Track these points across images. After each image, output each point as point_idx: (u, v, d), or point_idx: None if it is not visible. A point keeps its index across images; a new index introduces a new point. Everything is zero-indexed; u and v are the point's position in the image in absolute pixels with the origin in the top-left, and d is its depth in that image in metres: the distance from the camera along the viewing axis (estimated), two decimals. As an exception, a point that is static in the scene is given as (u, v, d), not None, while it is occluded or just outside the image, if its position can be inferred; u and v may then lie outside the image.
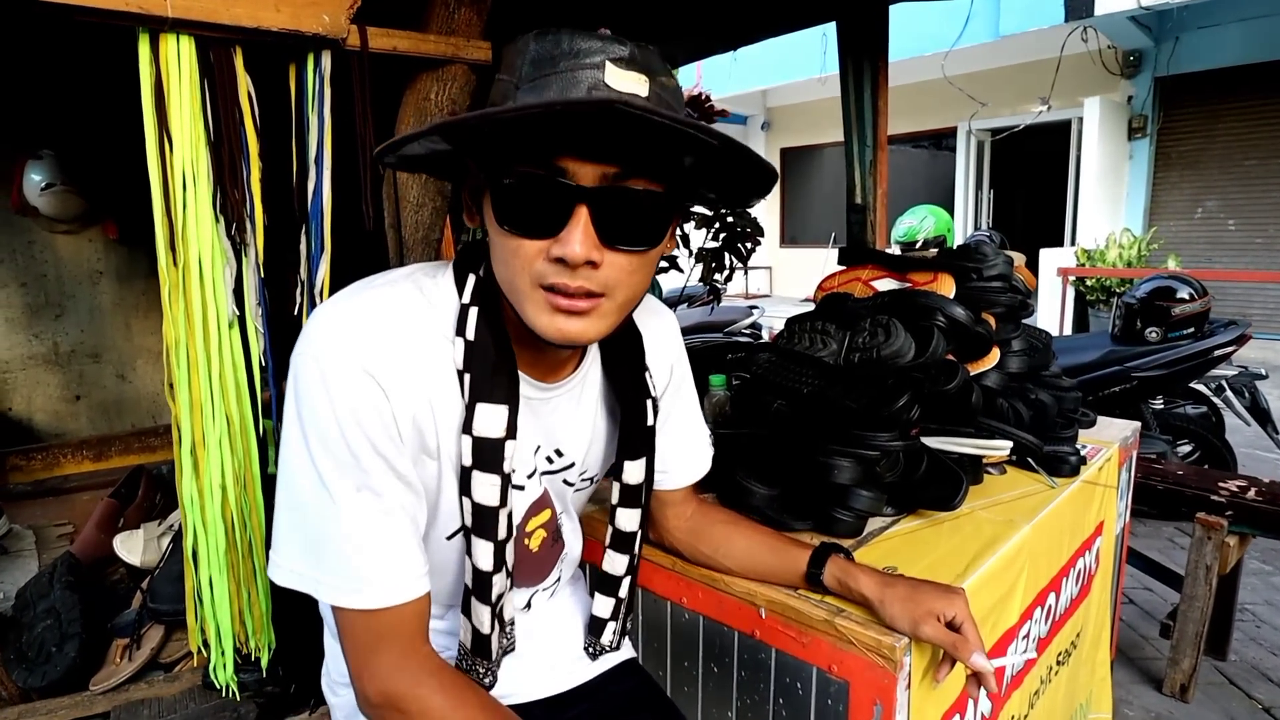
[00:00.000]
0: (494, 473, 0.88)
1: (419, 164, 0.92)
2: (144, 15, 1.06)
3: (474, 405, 0.86)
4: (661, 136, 0.71)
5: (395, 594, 0.83)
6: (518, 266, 0.79)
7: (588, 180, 0.75)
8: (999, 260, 1.71)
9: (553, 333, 0.81)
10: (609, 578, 1.11)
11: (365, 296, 0.85)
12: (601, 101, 0.67)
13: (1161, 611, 2.93)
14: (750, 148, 0.77)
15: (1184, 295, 3.68)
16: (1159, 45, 9.10)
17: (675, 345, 1.18)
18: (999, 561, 1.29)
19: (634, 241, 0.80)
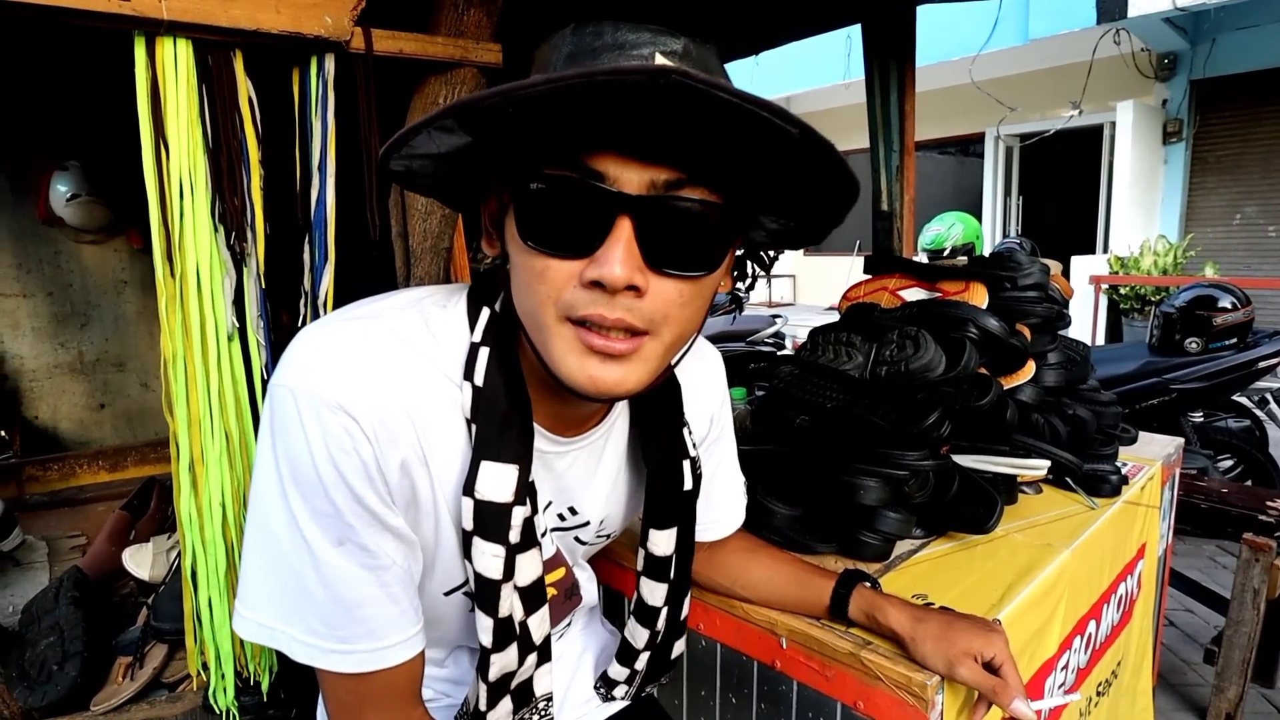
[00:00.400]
0: (497, 542, 0.75)
1: (429, 178, 0.77)
2: (138, 18, 1.03)
3: (478, 463, 0.73)
4: (724, 127, 0.59)
5: (386, 657, 0.73)
6: (544, 294, 0.66)
7: (632, 187, 0.62)
8: (1034, 268, 1.63)
9: (583, 381, 0.67)
10: (628, 648, 1.00)
11: (360, 324, 0.72)
12: (656, 69, 0.53)
13: (1204, 634, 2.82)
14: (830, 143, 0.62)
15: (1226, 304, 3.56)
16: (1195, 47, 8.90)
17: (719, 392, 1.05)
18: (1037, 589, 1.22)
19: (687, 265, 0.66)
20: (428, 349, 0.74)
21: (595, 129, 0.61)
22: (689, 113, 0.57)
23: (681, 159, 0.63)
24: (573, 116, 0.59)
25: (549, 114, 0.59)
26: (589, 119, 0.59)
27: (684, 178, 0.63)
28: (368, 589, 0.72)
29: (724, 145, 0.62)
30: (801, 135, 0.59)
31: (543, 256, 0.65)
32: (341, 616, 0.71)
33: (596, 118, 0.59)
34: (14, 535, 2.02)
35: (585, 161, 0.62)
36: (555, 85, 0.54)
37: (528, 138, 0.64)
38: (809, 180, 0.68)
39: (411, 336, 0.74)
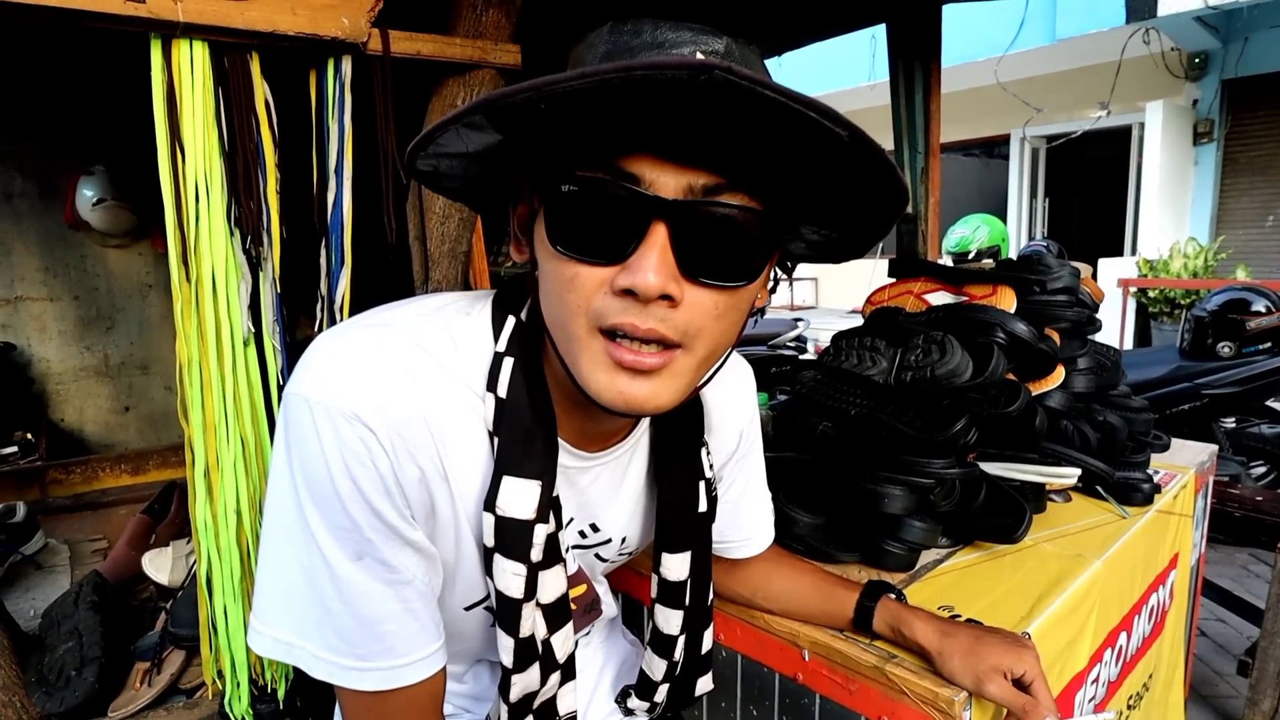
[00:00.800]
0: (519, 560, 0.73)
1: (456, 180, 0.74)
2: (155, 20, 1.02)
3: (500, 478, 0.71)
4: (768, 129, 0.55)
5: (404, 675, 0.71)
6: (573, 304, 0.63)
7: (669, 191, 0.59)
8: (1064, 272, 1.60)
9: (612, 396, 0.64)
10: (646, 681, 0.96)
11: (378, 332, 0.70)
12: (698, 64, 0.50)
13: (1236, 645, 2.75)
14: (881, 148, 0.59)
15: (1260, 308, 3.49)
16: (1226, 46, 8.74)
17: (749, 406, 1.02)
18: (1068, 601, 1.18)
19: (724, 275, 0.62)
20: (449, 359, 0.71)
21: (631, 129, 0.58)
22: (731, 112, 0.54)
23: (721, 163, 0.60)
24: (607, 115, 0.56)
25: (583, 112, 0.56)
26: (624, 118, 0.57)
27: (724, 183, 0.60)
28: (387, 605, 0.69)
29: (767, 149, 0.59)
30: (851, 139, 0.56)
31: (573, 263, 0.62)
32: (360, 633, 0.69)
33: (632, 117, 0.56)
34: (36, 539, 2.03)
35: (619, 164, 0.59)
36: (590, 80, 0.51)
37: (560, 137, 0.61)
38: (856, 187, 0.64)
39: (432, 345, 0.71)
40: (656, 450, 0.88)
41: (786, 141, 0.57)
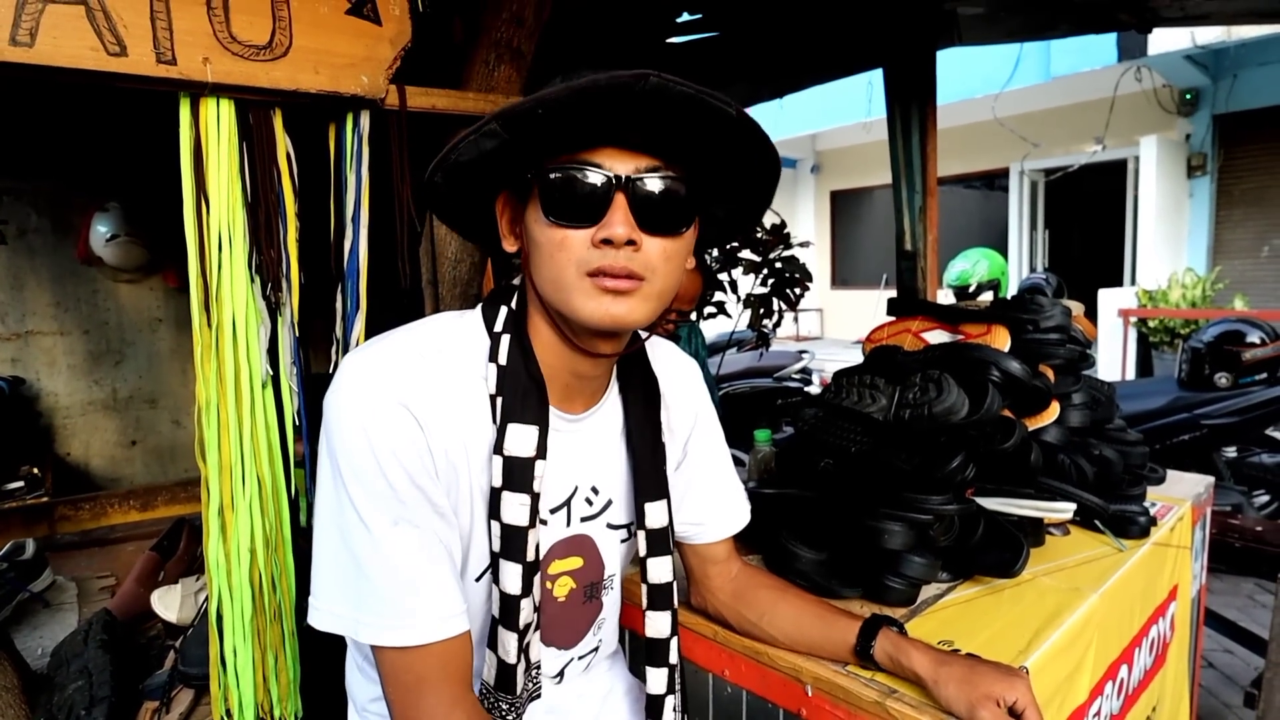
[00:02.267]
0: (523, 492, 0.89)
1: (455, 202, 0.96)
2: (185, 81, 1.08)
3: (505, 426, 0.88)
4: (684, 119, 0.79)
5: (439, 629, 0.83)
6: (564, 260, 0.83)
7: (624, 170, 0.82)
8: (1056, 311, 1.63)
9: (601, 316, 0.84)
10: (656, 644, 1.04)
11: (392, 338, 0.89)
12: (640, 74, 0.73)
13: (1244, 676, 2.75)
14: (759, 126, 0.84)
15: (1255, 339, 3.53)
16: (1216, 83, 8.90)
17: (699, 392, 1.18)
18: (1066, 634, 1.20)
19: (666, 226, 0.85)
20: (456, 345, 0.91)
21: (594, 131, 0.81)
22: (660, 110, 0.77)
23: (656, 149, 0.83)
24: (578, 120, 0.79)
25: (564, 117, 0.78)
26: (591, 123, 0.80)
27: (659, 164, 0.84)
28: (421, 565, 0.83)
29: (686, 134, 0.82)
30: (738, 114, 0.80)
31: (562, 228, 0.83)
32: (399, 591, 0.82)
33: (596, 120, 0.79)
34: (44, 576, 2.05)
35: (588, 156, 0.82)
36: (571, 89, 0.75)
37: (547, 137, 0.82)
38: (747, 158, 0.89)
39: (441, 337, 0.91)
40: (627, 413, 1.03)
41: (698, 127, 0.81)
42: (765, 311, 4.04)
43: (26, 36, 0.96)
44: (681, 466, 1.14)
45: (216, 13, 1.08)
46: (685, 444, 1.15)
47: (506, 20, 1.46)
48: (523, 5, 1.47)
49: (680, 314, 2.32)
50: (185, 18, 1.07)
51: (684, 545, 1.19)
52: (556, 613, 1.02)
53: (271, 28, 1.13)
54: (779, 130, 12.31)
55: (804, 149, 14.03)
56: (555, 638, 1.03)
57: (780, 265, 3.93)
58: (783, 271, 3.94)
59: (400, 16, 1.26)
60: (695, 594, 1.24)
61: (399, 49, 1.27)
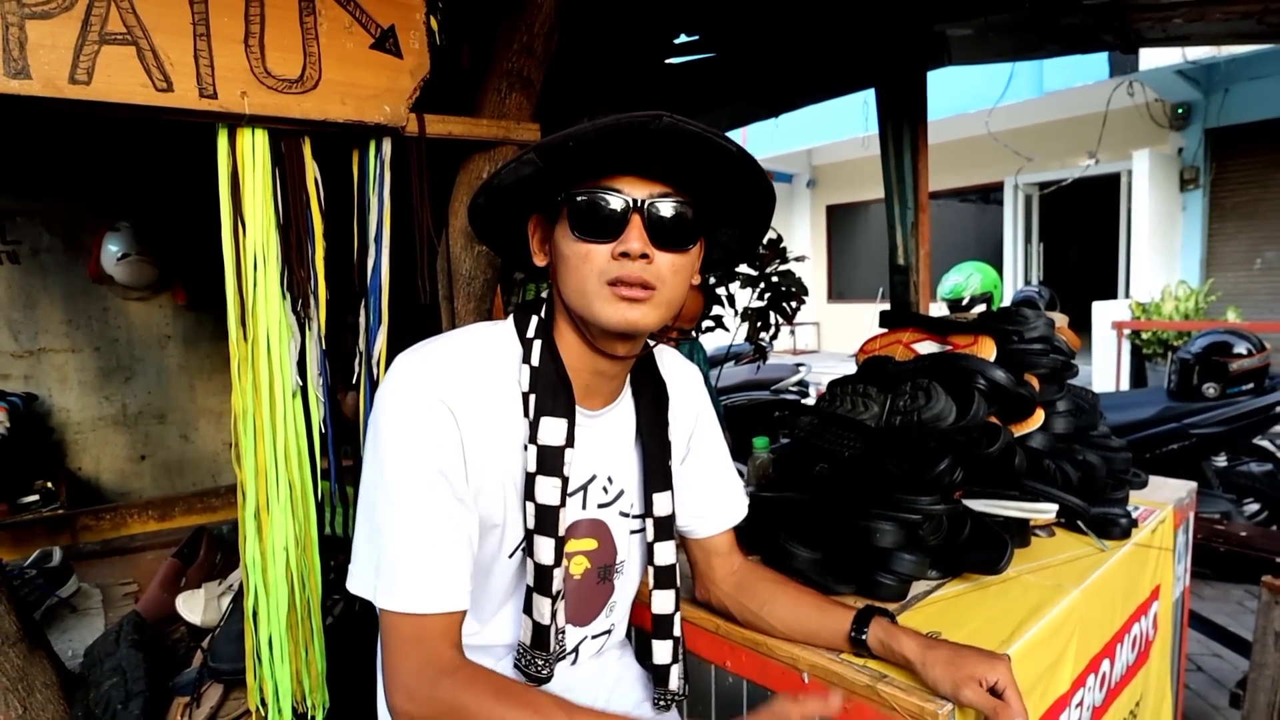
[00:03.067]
0: (555, 475, 1.01)
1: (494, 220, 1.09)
2: (224, 114, 1.17)
3: (539, 420, 1.01)
4: (692, 153, 0.92)
5: (427, 600, 0.92)
6: (588, 270, 0.96)
7: (640, 195, 0.95)
8: (1040, 322, 1.71)
9: (618, 319, 0.96)
10: (661, 618, 1.16)
11: (439, 342, 1.02)
12: (654, 115, 0.86)
13: (1231, 679, 2.80)
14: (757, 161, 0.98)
15: (1241, 350, 3.61)
16: (1208, 97, 9.03)
17: (700, 394, 1.29)
18: (1047, 627, 1.28)
19: (675, 243, 0.98)
20: (493, 349, 1.04)
21: (616, 161, 0.95)
22: (672, 145, 0.91)
23: (667, 178, 0.97)
24: (603, 151, 0.93)
25: (591, 147, 0.92)
26: (613, 154, 0.94)
27: (670, 190, 0.97)
28: (431, 538, 0.94)
29: (692, 166, 0.95)
30: (738, 151, 0.94)
31: (587, 243, 0.96)
32: (410, 561, 0.93)
33: (616, 153, 0.93)
34: (71, 582, 2.12)
35: (610, 182, 0.96)
36: (597, 125, 0.89)
37: (576, 166, 0.95)
38: (746, 189, 1.02)
39: (481, 343, 1.04)
40: (638, 412, 1.16)
41: (704, 159, 0.94)
42: (762, 325, 4.12)
43: (84, 75, 1.05)
44: (685, 462, 1.25)
45: (253, 50, 1.17)
46: (688, 441, 1.26)
47: (517, 51, 1.56)
48: (533, 37, 1.56)
49: (681, 331, 2.41)
50: (225, 55, 1.16)
51: (688, 540, 1.28)
52: (573, 589, 1.12)
53: (303, 63, 1.23)
54: (775, 146, 12.44)
55: (800, 164, 14.15)
56: (572, 614, 1.13)
57: (777, 279, 4.01)
58: (779, 285, 4.02)
59: (420, 50, 1.35)
60: (700, 587, 1.32)
61: (419, 80, 1.36)
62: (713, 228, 1.10)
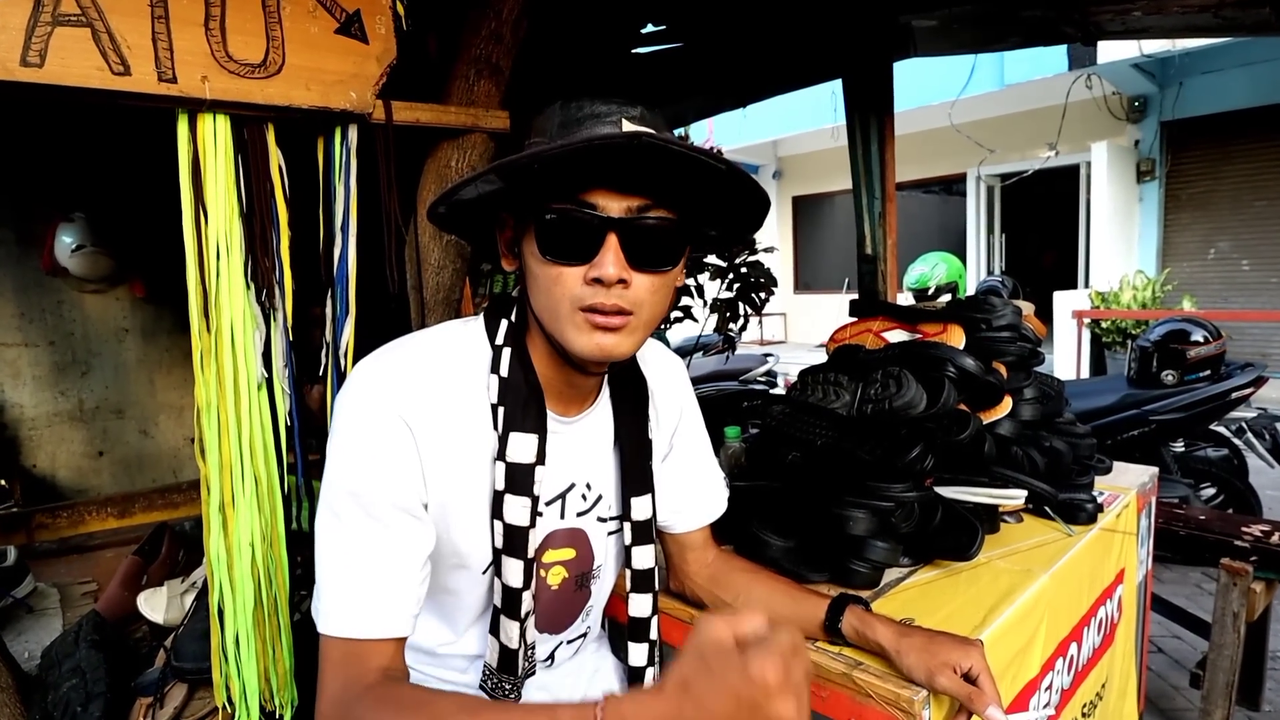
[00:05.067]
0: (525, 495, 0.95)
1: (459, 219, 1.01)
2: (184, 99, 1.13)
3: (507, 435, 0.95)
4: (675, 167, 0.83)
5: (357, 626, 0.86)
6: (559, 294, 0.89)
7: (616, 211, 0.86)
8: (1007, 310, 1.73)
9: (592, 349, 0.89)
10: (638, 621, 1.13)
11: (404, 349, 0.95)
12: (630, 134, 0.79)
13: (1191, 660, 2.87)
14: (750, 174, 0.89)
15: (1198, 338, 3.69)
16: (1163, 91, 9.22)
17: (684, 388, 1.25)
18: (1017, 611, 1.29)
19: (656, 264, 0.90)
20: (461, 357, 0.97)
21: (589, 174, 0.85)
22: (651, 160, 0.82)
23: (647, 190, 0.87)
24: (574, 166, 0.83)
25: (559, 165, 0.83)
26: (585, 169, 0.84)
27: (650, 203, 0.88)
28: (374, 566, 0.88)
29: (676, 179, 0.86)
30: (728, 170, 0.86)
31: (557, 265, 0.88)
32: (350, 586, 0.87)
33: (590, 167, 0.84)
34: (26, 582, 2.06)
35: (583, 197, 0.86)
36: (566, 148, 0.80)
37: (543, 183, 0.86)
38: (735, 199, 0.94)
39: (447, 351, 0.97)
40: (616, 414, 1.10)
41: (689, 174, 0.85)
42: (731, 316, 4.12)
43: (36, 57, 1.01)
44: (668, 459, 1.22)
45: (214, 33, 1.14)
46: (671, 437, 1.22)
47: (486, 38, 1.53)
48: (501, 24, 1.54)
49: None
50: (185, 38, 1.12)
51: (664, 533, 1.26)
52: (550, 599, 1.09)
53: (265, 47, 1.19)
54: (741, 137, 12.47)
55: (765, 155, 14.20)
56: (547, 624, 1.10)
57: (745, 270, 4.02)
58: (748, 276, 4.02)
59: (386, 35, 1.32)
60: (674, 579, 1.31)
61: (385, 66, 1.33)
62: (698, 234, 1.03)
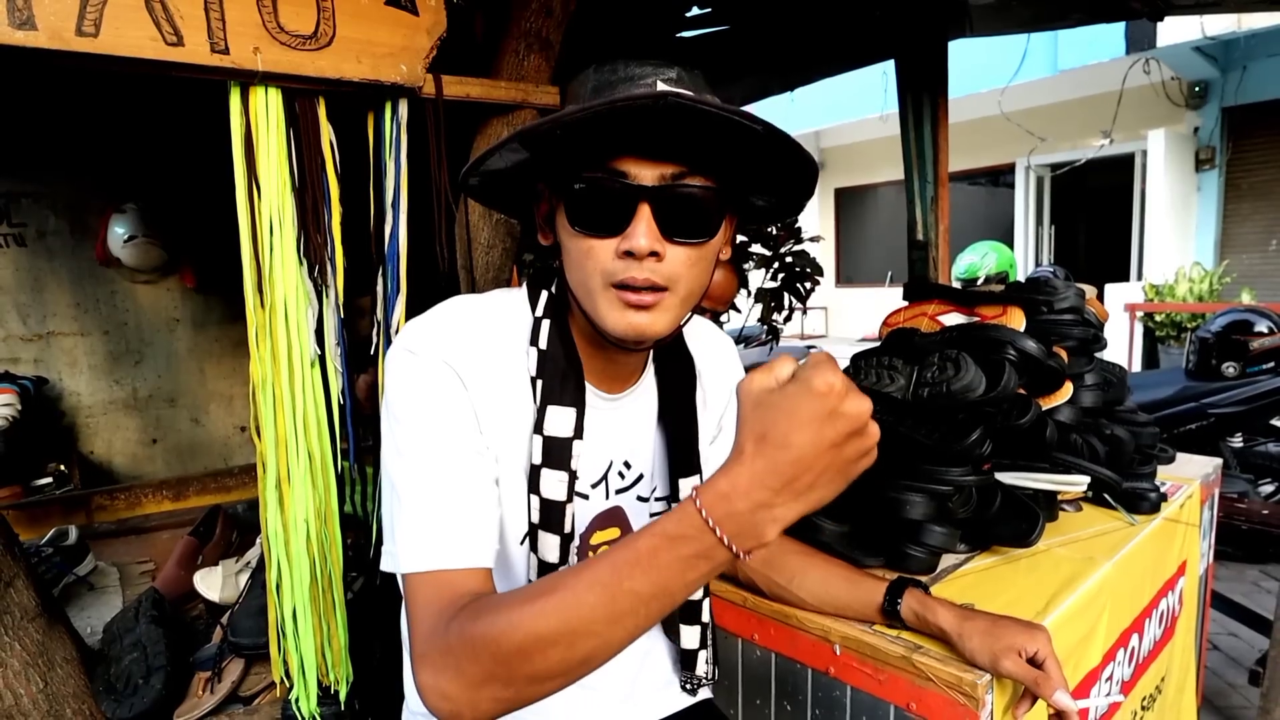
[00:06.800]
0: (562, 469, 0.93)
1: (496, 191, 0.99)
2: (236, 70, 1.13)
3: (545, 407, 0.92)
4: (710, 129, 0.78)
5: (442, 556, 0.81)
6: (590, 268, 0.86)
7: (648, 180, 0.82)
8: (1070, 292, 1.68)
9: (624, 327, 0.86)
10: (689, 604, 1.10)
11: (449, 306, 0.94)
12: (658, 94, 0.74)
13: (1249, 658, 2.79)
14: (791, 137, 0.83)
15: (1262, 329, 3.57)
16: (1225, 75, 8.89)
17: (734, 367, 1.20)
18: (1080, 599, 1.25)
19: (692, 234, 0.85)
20: (504, 324, 0.95)
21: (618, 140, 0.81)
22: (684, 122, 0.77)
23: (682, 156, 0.82)
24: (602, 133, 0.80)
25: (585, 132, 0.79)
26: (614, 134, 0.80)
27: (685, 170, 0.83)
28: (452, 496, 0.85)
29: (712, 143, 0.82)
30: (765, 131, 0.80)
31: (588, 238, 0.85)
32: (432, 518, 0.83)
33: (619, 132, 0.80)
34: (87, 560, 2.11)
35: (612, 165, 0.82)
36: (588, 112, 0.76)
37: (571, 151, 0.83)
38: (779, 164, 0.88)
39: (491, 315, 0.95)
40: (662, 393, 1.07)
41: (725, 137, 0.80)
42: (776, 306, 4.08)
43: (92, 27, 1.02)
44: (716, 440, 1.17)
45: (265, 4, 1.14)
46: (720, 419, 1.17)
47: (536, 11, 1.52)
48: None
49: (714, 315, 2.30)
50: (236, 8, 1.13)
51: None
52: None
53: (316, 18, 1.19)
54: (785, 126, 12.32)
55: (808, 146, 13.76)
56: None
57: (791, 260, 3.97)
58: (793, 266, 3.97)
59: (436, 7, 1.32)
60: None
61: (435, 38, 1.32)
62: (742, 201, 0.98)
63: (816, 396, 0.64)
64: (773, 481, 0.65)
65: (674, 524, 0.68)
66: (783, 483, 0.65)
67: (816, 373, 0.64)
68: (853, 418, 0.64)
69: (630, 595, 0.69)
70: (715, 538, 0.66)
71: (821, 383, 0.64)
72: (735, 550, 0.67)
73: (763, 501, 0.65)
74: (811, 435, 0.64)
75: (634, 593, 0.68)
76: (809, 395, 0.64)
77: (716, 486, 0.66)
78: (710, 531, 0.66)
